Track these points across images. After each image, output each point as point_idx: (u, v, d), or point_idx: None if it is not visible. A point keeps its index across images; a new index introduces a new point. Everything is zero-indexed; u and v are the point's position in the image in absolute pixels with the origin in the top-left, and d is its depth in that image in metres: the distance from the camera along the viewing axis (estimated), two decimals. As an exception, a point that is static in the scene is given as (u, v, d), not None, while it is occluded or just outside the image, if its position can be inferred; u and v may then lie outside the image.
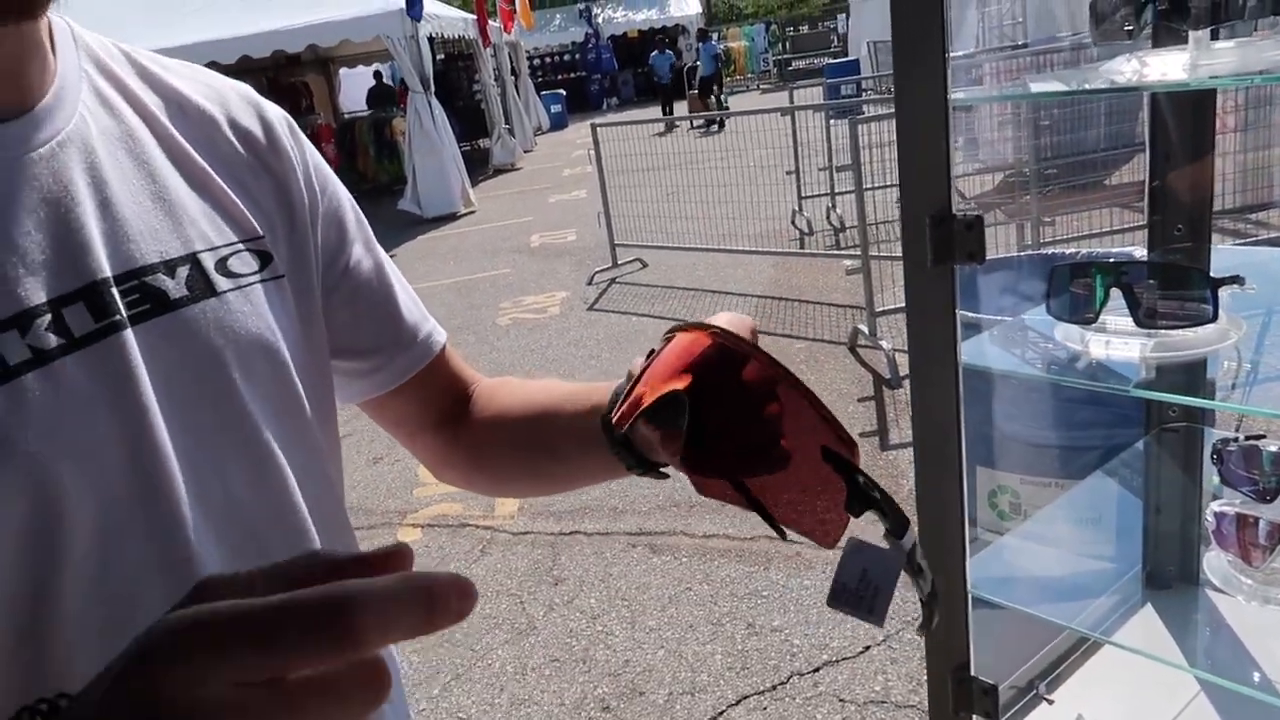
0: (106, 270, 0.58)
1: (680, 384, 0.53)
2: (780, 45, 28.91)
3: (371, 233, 0.82)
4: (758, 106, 9.85)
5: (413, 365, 0.81)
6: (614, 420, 0.56)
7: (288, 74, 15.49)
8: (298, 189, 0.72)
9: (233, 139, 0.69)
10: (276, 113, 0.74)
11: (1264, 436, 1.15)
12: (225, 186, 0.67)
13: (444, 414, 0.86)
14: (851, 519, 0.53)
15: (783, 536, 0.59)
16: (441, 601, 0.35)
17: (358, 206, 0.81)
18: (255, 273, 0.66)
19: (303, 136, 0.76)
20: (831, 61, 18.40)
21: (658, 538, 3.60)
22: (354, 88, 18.91)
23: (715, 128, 15.27)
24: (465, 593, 0.35)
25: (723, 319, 0.62)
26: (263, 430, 0.64)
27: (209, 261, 0.63)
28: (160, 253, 0.61)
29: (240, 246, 0.66)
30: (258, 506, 0.63)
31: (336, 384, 0.77)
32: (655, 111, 19.62)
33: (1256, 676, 1.14)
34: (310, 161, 0.75)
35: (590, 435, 0.74)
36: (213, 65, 0.75)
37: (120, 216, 0.60)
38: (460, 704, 2.81)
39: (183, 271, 0.62)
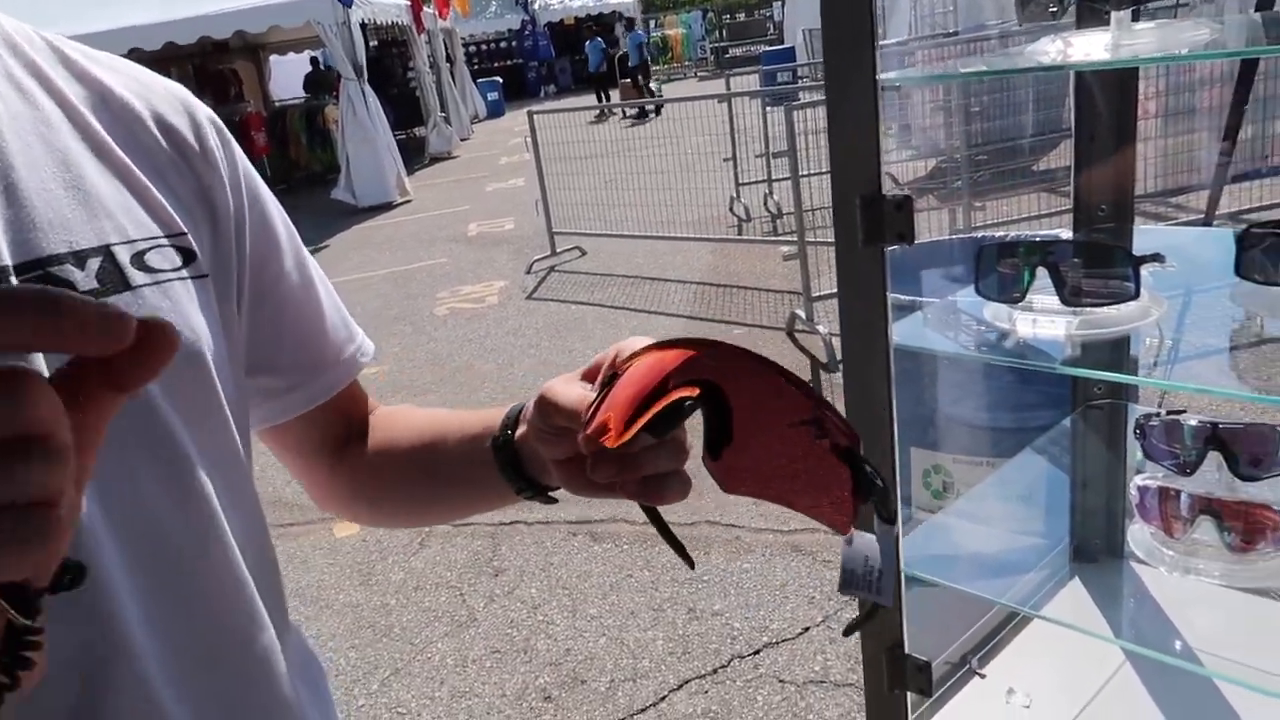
0: (6, 259, 0.55)
1: (689, 392, 0.54)
2: (717, 33, 29.00)
3: (302, 246, 0.79)
4: (695, 93, 9.87)
5: (329, 389, 0.79)
6: (589, 433, 0.54)
7: (215, 61, 15.07)
8: (222, 193, 0.69)
9: (157, 134, 0.66)
10: (206, 114, 0.71)
11: (1184, 411, 1.17)
12: (146, 181, 0.64)
13: (339, 441, 0.83)
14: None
15: (690, 565, 0.62)
16: (69, 312, 0.31)
17: (289, 220, 0.78)
18: (176, 269, 0.63)
19: (234, 143, 0.73)
20: (768, 49, 18.50)
21: (598, 526, 3.59)
22: (285, 75, 18.48)
23: (651, 115, 15.25)
24: (115, 324, 0.32)
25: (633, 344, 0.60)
26: (177, 432, 0.60)
27: (124, 254, 0.60)
28: (69, 243, 0.58)
29: (162, 241, 0.63)
30: (170, 513, 0.60)
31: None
32: (593, 99, 19.56)
33: (1178, 645, 1.16)
34: (240, 168, 0.72)
35: (480, 459, 0.72)
36: (136, 52, 0.72)
37: (26, 204, 0.57)
38: (400, 698, 2.77)
39: (94, 263, 0.58)
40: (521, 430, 0.69)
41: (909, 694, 1.16)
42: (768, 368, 0.54)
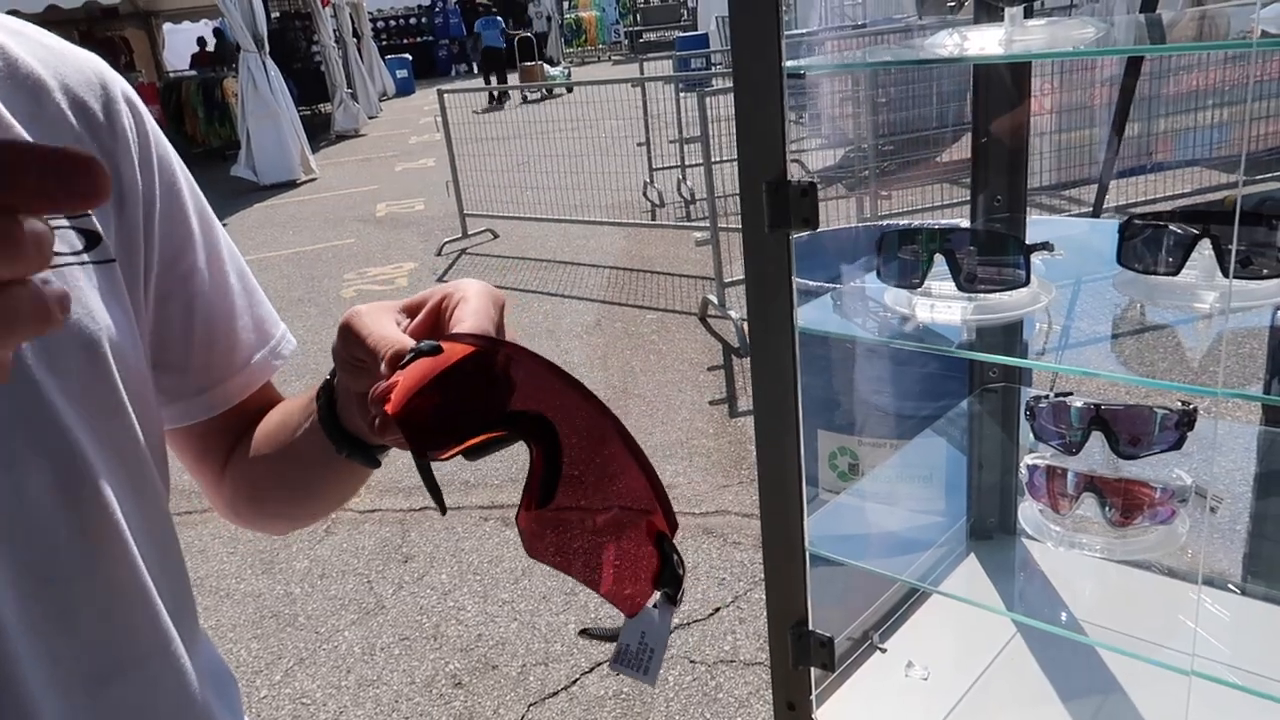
0: None
1: (510, 432, 0.51)
2: (631, 17, 28.91)
3: (220, 240, 0.74)
4: (609, 77, 9.84)
5: (234, 396, 0.75)
6: (375, 395, 0.49)
7: (103, 27, 14.37)
8: (130, 173, 0.65)
9: (63, 106, 0.62)
10: (123, 90, 0.67)
11: (1072, 394, 1.23)
12: None
13: (236, 443, 0.78)
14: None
15: (443, 511, 0.59)
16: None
17: (208, 209, 0.74)
18: (75, 252, 0.59)
19: (150, 122, 0.69)
20: (681, 35, 18.55)
21: (510, 510, 3.57)
22: (181, 44, 17.78)
23: (504, 103, 15.10)
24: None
25: (470, 310, 0.57)
26: (70, 429, 0.57)
27: None
28: None
29: (60, 221, 0.58)
30: (57, 515, 0.57)
31: None
32: (510, 79, 19.34)
33: (1064, 616, 1.22)
34: (153, 149, 0.68)
35: (313, 417, 0.69)
36: (13, 14, 0.67)
37: None
38: (304, 688, 2.71)
39: None
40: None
41: (813, 669, 1.19)
42: (616, 432, 0.48)
